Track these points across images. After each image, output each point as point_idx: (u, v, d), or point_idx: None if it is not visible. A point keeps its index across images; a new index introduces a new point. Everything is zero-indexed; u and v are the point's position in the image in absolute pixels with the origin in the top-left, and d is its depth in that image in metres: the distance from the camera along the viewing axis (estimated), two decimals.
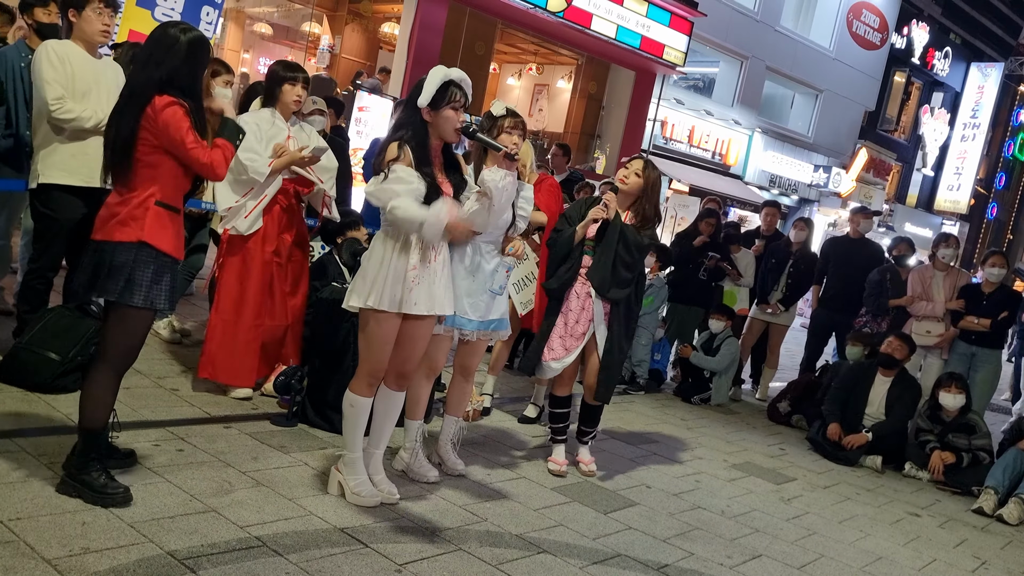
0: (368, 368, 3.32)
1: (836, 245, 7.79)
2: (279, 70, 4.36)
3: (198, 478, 3.27)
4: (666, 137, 17.70)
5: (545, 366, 4.23)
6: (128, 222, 2.88)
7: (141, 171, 2.92)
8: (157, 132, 2.87)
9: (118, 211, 2.90)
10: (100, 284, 2.87)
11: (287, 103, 4.32)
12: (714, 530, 3.96)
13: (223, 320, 4.27)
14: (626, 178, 4.19)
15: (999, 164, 30.03)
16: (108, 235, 2.89)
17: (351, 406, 3.34)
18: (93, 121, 3.94)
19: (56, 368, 3.81)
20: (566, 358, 4.21)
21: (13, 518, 2.67)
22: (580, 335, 4.20)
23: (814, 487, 5.13)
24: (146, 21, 6.18)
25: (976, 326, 6.47)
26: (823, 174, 21.70)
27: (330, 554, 2.89)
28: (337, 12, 15.19)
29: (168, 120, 2.86)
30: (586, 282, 4.17)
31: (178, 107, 2.89)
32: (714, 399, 6.99)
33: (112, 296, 2.87)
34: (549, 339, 4.22)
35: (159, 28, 3.03)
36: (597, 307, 4.18)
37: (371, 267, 3.24)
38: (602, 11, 13.94)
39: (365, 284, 3.23)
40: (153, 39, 2.97)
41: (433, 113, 3.25)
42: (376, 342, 3.27)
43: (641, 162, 4.24)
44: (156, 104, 2.86)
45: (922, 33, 24.14)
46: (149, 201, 2.91)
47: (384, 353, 3.30)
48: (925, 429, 6.01)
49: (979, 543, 4.68)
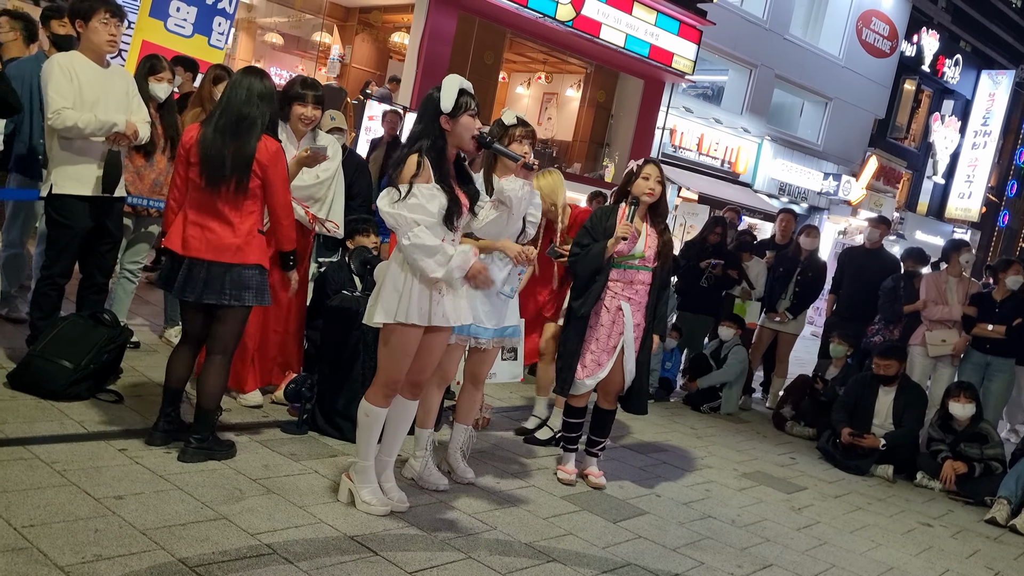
0: (386, 379, 3.32)
1: (851, 255, 7.78)
2: (293, 86, 4.29)
3: (209, 485, 3.28)
4: (675, 145, 17.69)
5: (579, 384, 4.22)
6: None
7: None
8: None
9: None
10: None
11: (295, 122, 4.26)
12: (724, 539, 3.95)
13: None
14: (653, 190, 4.14)
15: (1010, 172, 29.88)
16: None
17: (366, 416, 3.33)
18: (92, 127, 3.96)
19: (69, 376, 3.83)
20: (599, 373, 4.20)
21: (27, 525, 2.69)
22: (612, 349, 4.20)
23: (825, 496, 5.11)
24: (159, 32, 6.23)
25: (991, 333, 6.43)
26: (833, 182, 21.64)
27: (340, 562, 2.89)
28: (347, 22, 15.28)
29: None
30: (616, 295, 4.17)
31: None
32: (724, 408, 6.97)
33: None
34: (581, 356, 4.21)
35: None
36: (628, 320, 4.18)
37: (395, 280, 3.21)
38: (611, 20, 13.97)
39: (392, 299, 3.20)
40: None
41: (452, 121, 3.23)
42: (399, 354, 3.27)
43: (656, 169, 4.20)
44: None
45: (932, 41, 24.07)
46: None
47: (406, 364, 3.31)
48: (937, 439, 5.97)
49: (992, 554, 4.64)
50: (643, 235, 4.21)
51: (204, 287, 3.42)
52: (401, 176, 3.15)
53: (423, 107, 3.27)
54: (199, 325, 3.59)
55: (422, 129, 3.23)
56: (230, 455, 3.60)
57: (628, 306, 4.19)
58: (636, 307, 4.21)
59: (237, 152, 3.40)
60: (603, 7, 13.80)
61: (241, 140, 3.41)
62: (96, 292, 4.39)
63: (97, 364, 3.95)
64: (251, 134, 3.44)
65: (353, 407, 4.15)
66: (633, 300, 4.21)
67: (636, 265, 4.20)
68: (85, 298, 4.36)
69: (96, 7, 3.98)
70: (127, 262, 4.97)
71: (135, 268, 4.98)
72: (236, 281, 3.46)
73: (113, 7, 4.04)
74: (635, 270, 4.20)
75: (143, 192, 4.80)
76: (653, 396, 6.84)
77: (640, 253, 4.19)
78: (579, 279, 4.22)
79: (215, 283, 3.42)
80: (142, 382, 4.39)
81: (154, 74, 4.73)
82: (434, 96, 3.23)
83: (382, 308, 3.22)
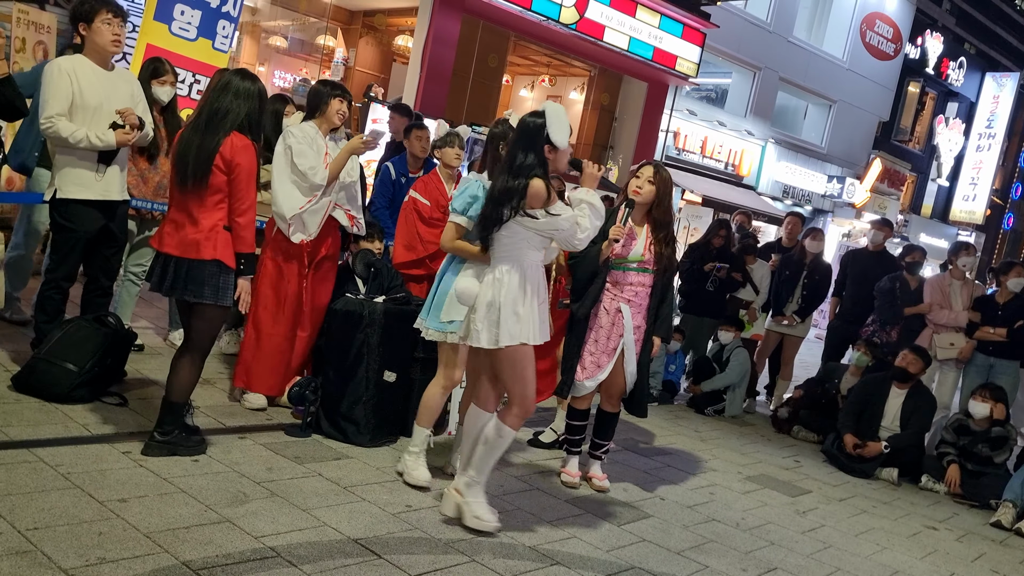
0: (523, 400, 3.43)
1: (855, 258, 7.76)
2: (323, 88, 4.44)
3: (213, 488, 3.28)
4: (679, 148, 17.68)
5: (579, 385, 4.23)
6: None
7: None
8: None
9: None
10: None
11: (332, 117, 4.38)
12: (729, 543, 3.94)
13: (258, 330, 4.34)
14: (640, 188, 4.16)
15: (1015, 174, 29.81)
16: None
17: (500, 436, 3.42)
18: (83, 145, 3.95)
19: (74, 379, 3.84)
20: (599, 375, 4.21)
21: (31, 528, 2.69)
22: (611, 351, 4.20)
23: (829, 499, 5.09)
24: (163, 35, 6.23)
25: (992, 336, 6.42)
26: (837, 185, 21.61)
27: (344, 565, 2.89)
28: (351, 25, 15.30)
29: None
30: (615, 297, 4.18)
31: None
32: (728, 411, 6.96)
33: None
34: (580, 358, 4.21)
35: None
36: (628, 322, 4.18)
37: (512, 304, 3.36)
38: (615, 23, 13.97)
39: (512, 321, 3.35)
40: None
41: (555, 151, 3.42)
42: (530, 371, 3.44)
43: (651, 168, 4.21)
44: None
45: (936, 43, 24.03)
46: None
47: (535, 380, 3.47)
48: (949, 441, 5.95)
49: (997, 557, 4.63)
50: (642, 237, 4.20)
51: (172, 282, 3.48)
52: (531, 202, 3.33)
53: (528, 136, 3.41)
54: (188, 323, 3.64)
55: (536, 159, 3.38)
56: (197, 451, 3.60)
57: (628, 308, 4.19)
58: (636, 309, 4.21)
59: (199, 147, 3.43)
60: (607, 10, 13.80)
61: (207, 136, 3.44)
62: (101, 295, 4.40)
63: (101, 367, 3.96)
64: (219, 129, 3.45)
65: (357, 410, 4.17)
66: (633, 302, 4.20)
67: (635, 267, 4.19)
68: (89, 301, 4.37)
69: (97, 8, 3.99)
70: (131, 265, 4.98)
71: (139, 271, 4.99)
72: (195, 277, 3.47)
73: (114, 7, 4.05)
74: (634, 272, 4.19)
75: (147, 195, 4.82)
76: (656, 399, 6.83)
77: (639, 256, 4.19)
78: (577, 281, 4.25)
79: (180, 279, 3.47)
80: (146, 385, 4.40)
81: (157, 77, 4.75)
82: (538, 125, 3.40)
83: (505, 332, 3.34)
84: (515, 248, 3.40)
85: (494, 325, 3.36)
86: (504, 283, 3.37)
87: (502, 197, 3.34)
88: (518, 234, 3.37)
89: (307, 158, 4.20)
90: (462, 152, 5.58)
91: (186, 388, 3.56)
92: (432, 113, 12.06)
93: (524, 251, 3.42)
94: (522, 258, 3.42)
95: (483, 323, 3.38)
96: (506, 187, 3.34)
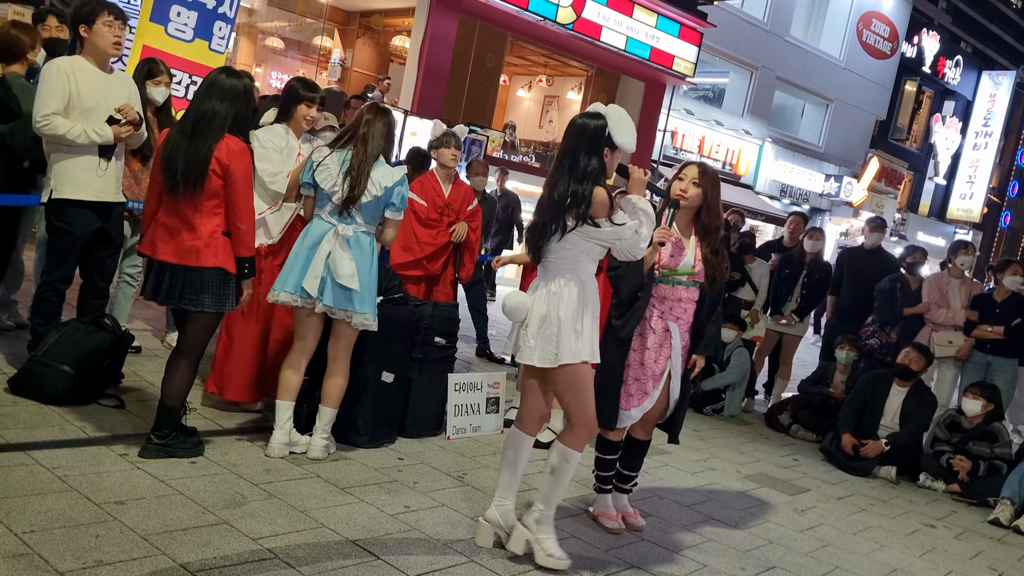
0: (585, 420, 3.21)
1: (850, 256, 7.76)
2: (298, 88, 4.26)
3: (210, 490, 3.28)
4: (676, 148, 17.71)
5: (624, 415, 3.72)
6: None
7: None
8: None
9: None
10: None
11: (299, 122, 4.26)
12: (727, 542, 3.94)
13: (230, 333, 4.27)
14: (684, 191, 3.68)
15: (1012, 172, 29.90)
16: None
17: (567, 462, 3.20)
18: (80, 141, 3.94)
19: (70, 381, 3.83)
20: (646, 403, 3.72)
21: (27, 531, 2.68)
22: (658, 375, 3.71)
23: (828, 498, 5.10)
24: (159, 36, 6.24)
25: (990, 334, 6.43)
26: (834, 183, 21.66)
27: (342, 566, 2.89)
28: (348, 26, 15.32)
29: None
30: (663, 315, 3.71)
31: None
32: (727, 410, 6.96)
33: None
34: (625, 383, 3.71)
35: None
36: (676, 341, 3.73)
37: (572, 319, 3.13)
38: (611, 23, 13.99)
39: (571, 340, 3.12)
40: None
41: (612, 153, 3.20)
42: (590, 391, 3.22)
43: (695, 168, 3.74)
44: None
45: (932, 42, 24.09)
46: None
47: (593, 400, 3.27)
48: (942, 439, 5.96)
49: (996, 555, 4.63)
50: (691, 246, 3.73)
51: (168, 291, 3.44)
52: (596, 211, 3.08)
53: (592, 140, 3.15)
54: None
55: (599, 164, 3.15)
56: (195, 453, 3.59)
57: (676, 327, 3.72)
58: (685, 328, 3.76)
59: (190, 152, 3.36)
60: (604, 10, 13.82)
61: (197, 140, 3.38)
62: (97, 297, 4.39)
63: (98, 369, 3.95)
64: (209, 133, 3.39)
65: (355, 411, 4.17)
66: (682, 320, 3.74)
67: (685, 281, 3.70)
68: (86, 303, 4.36)
69: (98, 10, 3.98)
70: (127, 267, 4.96)
71: (135, 272, 4.98)
72: (194, 285, 3.43)
73: (115, 9, 4.04)
74: (684, 286, 3.71)
75: (140, 196, 4.79)
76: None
77: (689, 268, 3.70)
78: (623, 294, 3.67)
79: (177, 287, 3.43)
80: (143, 387, 4.39)
81: (151, 78, 4.73)
82: (599, 127, 3.16)
83: (567, 349, 3.11)
84: (574, 260, 3.16)
85: (550, 342, 3.13)
86: (563, 297, 3.13)
87: (564, 203, 3.09)
88: (578, 245, 3.13)
89: (271, 164, 4.09)
90: (459, 152, 5.57)
91: (181, 392, 3.54)
92: (430, 113, 12.06)
93: (583, 263, 3.18)
94: (580, 271, 3.18)
95: (536, 339, 3.15)
96: (570, 193, 3.08)
